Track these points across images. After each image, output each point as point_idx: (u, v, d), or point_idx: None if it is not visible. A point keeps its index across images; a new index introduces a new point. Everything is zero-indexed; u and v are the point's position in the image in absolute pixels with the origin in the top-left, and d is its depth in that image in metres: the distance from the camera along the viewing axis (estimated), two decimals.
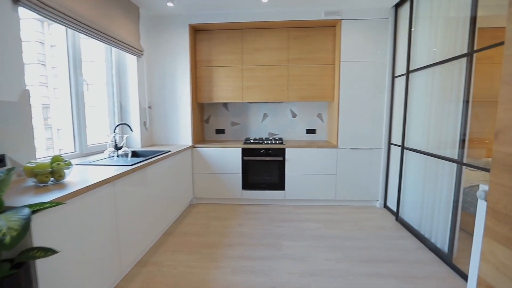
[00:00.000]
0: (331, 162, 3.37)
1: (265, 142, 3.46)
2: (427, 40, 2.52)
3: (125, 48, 2.75)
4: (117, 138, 2.57)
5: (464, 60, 2.01)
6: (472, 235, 0.93)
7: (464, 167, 2.04)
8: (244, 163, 3.42)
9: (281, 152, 3.37)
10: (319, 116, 3.88)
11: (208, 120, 4.01)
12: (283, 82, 3.47)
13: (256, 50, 3.44)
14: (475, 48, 1.94)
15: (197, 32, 3.49)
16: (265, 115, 3.92)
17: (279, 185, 3.44)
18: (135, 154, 2.83)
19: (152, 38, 3.31)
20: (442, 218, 2.28)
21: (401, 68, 3.01)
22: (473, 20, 1.94)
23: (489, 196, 0.76)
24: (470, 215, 2.36)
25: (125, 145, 2.61)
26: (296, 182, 3.41)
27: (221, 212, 3.26)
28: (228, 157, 3.41)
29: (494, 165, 0.74)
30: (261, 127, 3.95)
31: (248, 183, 3.46)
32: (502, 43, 1.74)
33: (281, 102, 3.82)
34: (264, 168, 3.42)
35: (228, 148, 3.40)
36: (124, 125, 2.83)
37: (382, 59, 3.20)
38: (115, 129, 2.62)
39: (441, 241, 2.28)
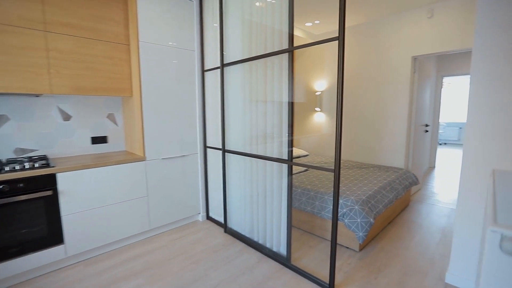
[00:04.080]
0: (139, 181, 2.43)
1: (10, 168, 1.85)
2: (241, 35, 2.30)
3: None
4: None
5: (286, 56, 1.94)
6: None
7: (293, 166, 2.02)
8: None
9: (48, 181, 1.95)
10: (111, 117, 2.73)
11: None
12: (39, 60, 2.00)
13: None
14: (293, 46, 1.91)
15: None
16: (3, 118, 2.16)
17: (52, 238, 2.00)
18: None
19: None
20: (275, 220, 2.19)
21: (211, 61, 2.67)
22: (291, 21, 1.88)
23: None
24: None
25: None
26: (85, 223, 2.13)
27: None
28: None
29: None
30: None
31: None
32: (310, 44, 1.84)
33: (38, 95, 2.26)
34: (9, 218, 1.83)
35: None
36: None
37: (190, 48, 2.70)
38: None
39: (277, 244, 2.19)
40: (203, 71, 2.79)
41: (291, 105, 1.95)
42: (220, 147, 2.66)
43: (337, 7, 3.12)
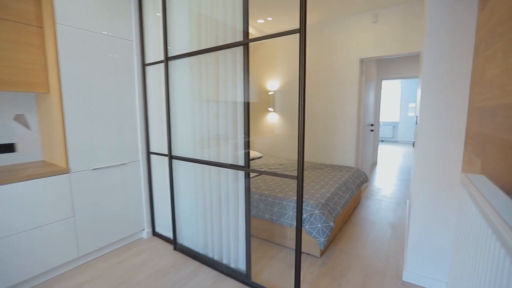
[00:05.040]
0: (61, 199, 1.95)
1: None
2: (189, 26, 2.01)
3: None
4: None
5: (240, 50, 1.73)
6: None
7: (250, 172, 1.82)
8: None
9: None
10: (21, 119, 2.16)
11: None
12: None
13: None
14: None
15: None
16: None
17: None
18: None
19: None
20: (232, 232, 1.96)
21: (154, 55, 2.31)
22: (246, 11, 1.67)
23: None
24: None
25: None
26: None
27: None
28: None
29: None
30: None
31: None
32: (268, 37, 1.65)
33: None
34: None
35: None
36: None
37: (127, 37, 2.29)
38: None
39: (235, 259, 1.97)
40: (143, 65, 2.40)
41: (247, 104, 1.75)
42: (166, 153, 2.33)
43: (292, 3, 3.04)
